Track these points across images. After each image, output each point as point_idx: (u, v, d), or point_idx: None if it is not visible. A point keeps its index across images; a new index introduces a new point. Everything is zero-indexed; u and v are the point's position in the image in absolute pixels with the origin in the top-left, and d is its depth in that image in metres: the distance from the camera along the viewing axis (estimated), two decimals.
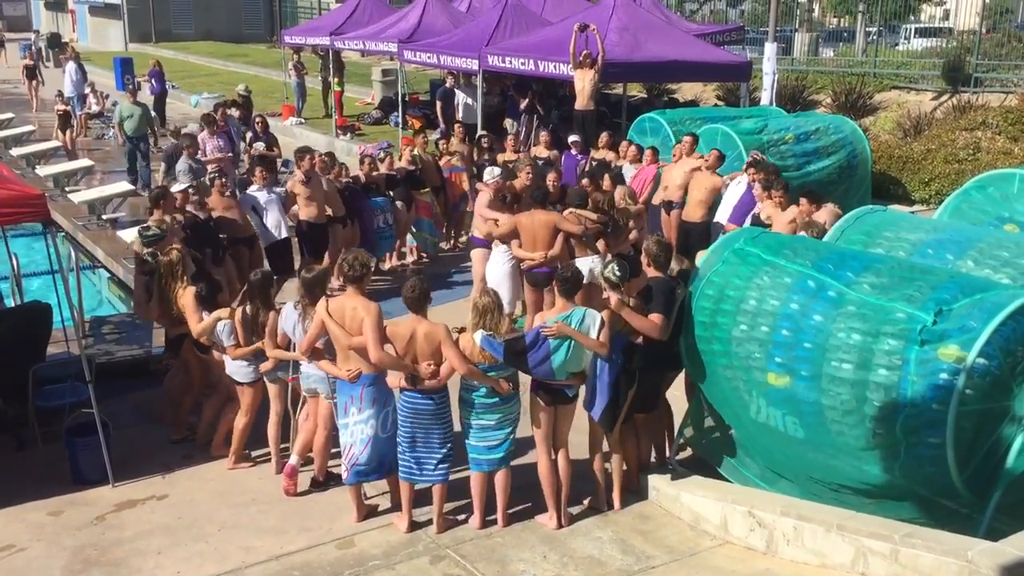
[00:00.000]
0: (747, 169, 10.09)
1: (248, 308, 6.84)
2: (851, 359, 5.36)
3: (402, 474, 6.16)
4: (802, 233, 8.17)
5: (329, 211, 10.46)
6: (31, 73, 26.02)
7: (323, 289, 6.49)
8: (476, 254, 9.81)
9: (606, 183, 9.70)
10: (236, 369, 6.95)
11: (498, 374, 5.96)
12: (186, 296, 7.19)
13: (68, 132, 19.78)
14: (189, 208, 9.15)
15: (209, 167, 11.94)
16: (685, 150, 11.11)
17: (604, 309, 6.07)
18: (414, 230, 12.07)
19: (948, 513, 5.44)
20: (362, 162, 11.59)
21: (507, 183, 9.72)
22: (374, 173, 11.35)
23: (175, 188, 9.43)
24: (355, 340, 5.95)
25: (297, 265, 10.38)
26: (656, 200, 11.15)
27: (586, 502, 6.47)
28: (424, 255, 12.26)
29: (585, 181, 9.92)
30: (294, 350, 6.57)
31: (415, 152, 12.11)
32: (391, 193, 11.38)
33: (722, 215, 10.23)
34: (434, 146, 13.19)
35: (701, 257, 6.80)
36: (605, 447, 6.40)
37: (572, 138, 12.59)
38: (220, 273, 8.70)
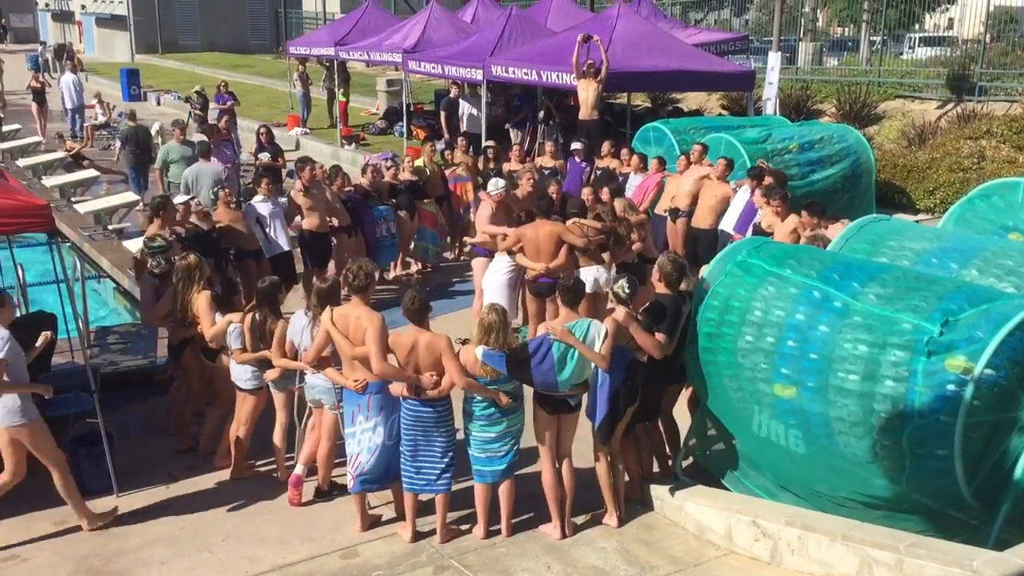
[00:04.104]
0: (751, 181, 10.11)
1: (257, 315, 6.85)
2: (857, 370, 5.35)
3: (405, 485, 6.15)
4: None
5: (333, 221, 10.48)
6: (39, 97, 23.07)
7: (337, 299, 6.46)
8: (477, 263, 9.82)
9: (605, 195, 9.71)
10: (239, 375, 6.95)
11: (500, 387, 5.95)
12: (200, 299, 7.16)
13: (85, 163, 18.61)
14: (193, 219, 9.16)
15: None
16: (695, 158, 11.13)
17: (608, 319, 6.06)
18: (416, 240, 12.05)
19: (956, 525, 5.42)
20: (364, 172, 11.62)
21: (510, 193, 9.73)
22: (378, 180, 11.38)
23: (177, 200, 9.43)
24: (358, 350, 5.95)
25: (300, 274, 10.43)
26: (661, 209, 11.17)
27: (591, 514, 6.44)
28: (428, 265, 12.24)
29: (586, 191, 9.94)
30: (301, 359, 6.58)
31: (418, 163, 12.11)
32: (394, 201, 11.38)
33: (727, 224, 10.24)
34: (440, 156, 13.18)
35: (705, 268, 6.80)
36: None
37: (575, 145, 12.61)
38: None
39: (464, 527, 6.32)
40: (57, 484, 6.28)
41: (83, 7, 48.97)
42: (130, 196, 15.33)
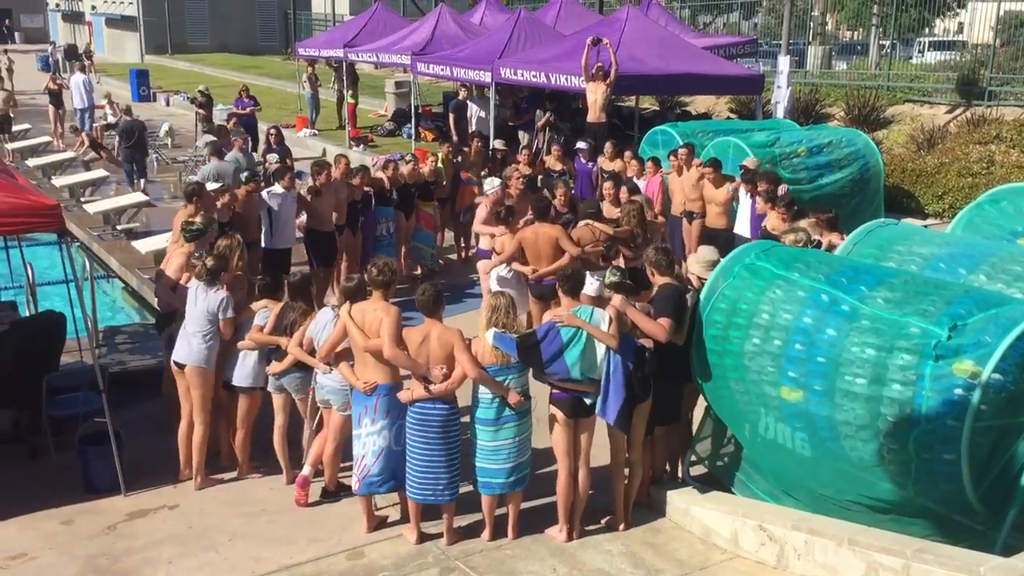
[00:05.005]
0: (747, 185, 10.06)
1: (290, 309, 6.88)
2: (865, 374, 5.33)
3: (409, 494, 6.14)
4: (791, 237, 8.09)
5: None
6: (56, 99, 22.27)
7: (363, 296, 6.43)
8: (482, 265, 9.81)
9: (624, 194, 9.69)
10: (235, 373, 6.96)
11: (509, 378, 5.94)
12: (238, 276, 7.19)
13: (103, 153, 18.91)
14: (220, 204, 9.20)
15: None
16: (683, 160, 11.08)
17: (608, 307, 6.07)
18: (412, 241, 11.94)
19: (963, 530, 5.40)
20: (386, 167, 11.49)
21: (504, 191, 9.75)
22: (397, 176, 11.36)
23: (210, 187, 9.43)
24: (372, 343, 5.98)
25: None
26: (676, 211, 11.16)
27: (604, 521, 6.43)
28: (425, 269, 12.01)
29: (607, 184, 9.90)
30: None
31: (439, 164, 12.04)
32: (393, 196, 11.31)
33: (741, 227, 10.24)
34: (457, 152, 12.97)
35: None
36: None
37: (580, 144, 12.60)
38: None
39: (470, 530, 6.32)
40: (195, 436, 6.90)
41: (93, 7, 49.22)
42: (139, 196, 15.37)
